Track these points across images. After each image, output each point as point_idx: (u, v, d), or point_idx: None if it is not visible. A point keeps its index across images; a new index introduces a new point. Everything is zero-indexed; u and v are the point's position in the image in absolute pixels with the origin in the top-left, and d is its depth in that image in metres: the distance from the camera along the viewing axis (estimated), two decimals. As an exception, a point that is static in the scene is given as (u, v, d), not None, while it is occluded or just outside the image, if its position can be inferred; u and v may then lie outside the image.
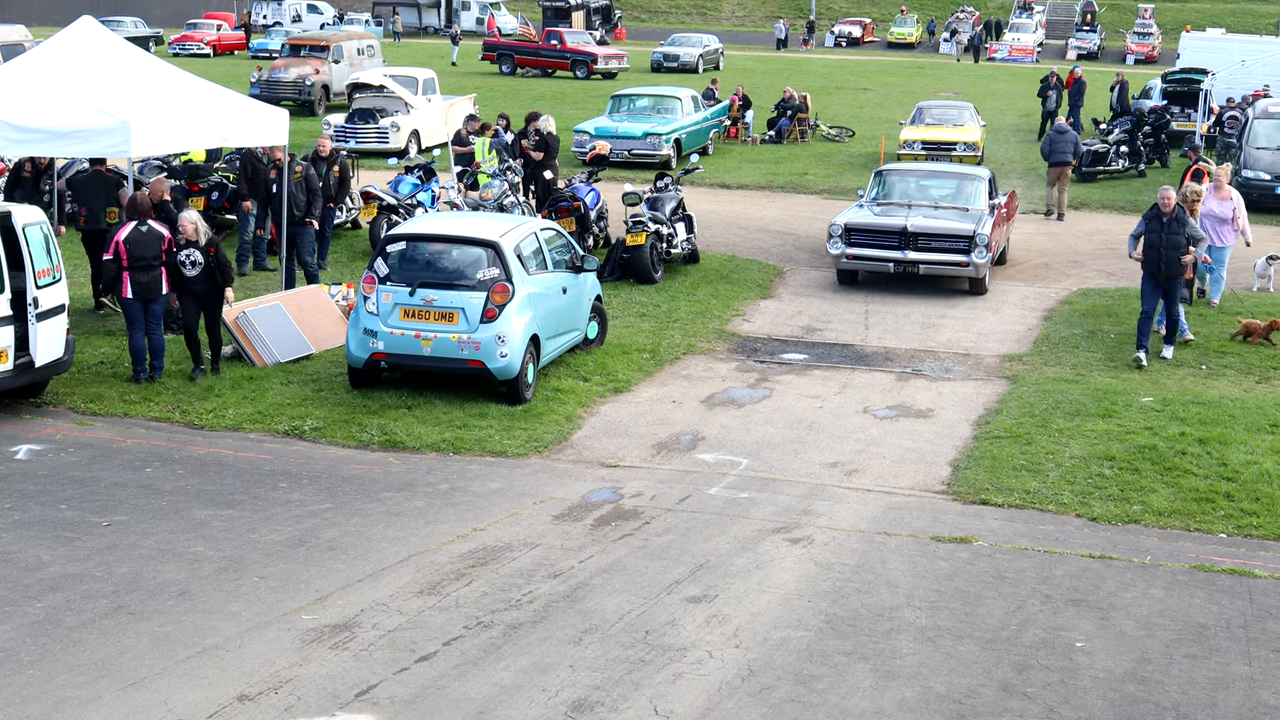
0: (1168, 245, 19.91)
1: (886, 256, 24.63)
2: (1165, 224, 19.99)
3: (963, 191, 26.07)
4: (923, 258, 24.49)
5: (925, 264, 24.52)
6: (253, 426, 16.87)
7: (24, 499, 14.17)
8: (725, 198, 35.21)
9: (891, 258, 24.60)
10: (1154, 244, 20.05)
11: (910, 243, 24.59)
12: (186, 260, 18.18)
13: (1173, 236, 19.92)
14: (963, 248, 24.34)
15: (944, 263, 24.46)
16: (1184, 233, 20.01)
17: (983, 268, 24.39)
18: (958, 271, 24.56)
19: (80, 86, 18.89)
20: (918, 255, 24.50)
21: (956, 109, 41.77)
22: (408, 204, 26.00)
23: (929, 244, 24.54)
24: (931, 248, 24.53)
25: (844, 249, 24.82)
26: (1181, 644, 11.50)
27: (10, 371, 16.61)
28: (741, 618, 11.71)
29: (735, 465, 15.93)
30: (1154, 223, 20.14)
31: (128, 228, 18.07)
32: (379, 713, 9.91)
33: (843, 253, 24.84)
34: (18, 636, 11.00)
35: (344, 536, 13.37)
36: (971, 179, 26.50)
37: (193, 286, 18.33)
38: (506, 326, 17.43)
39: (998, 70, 78.12)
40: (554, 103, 50.58)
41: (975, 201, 25.72)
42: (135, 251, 17.93)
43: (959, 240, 24.39)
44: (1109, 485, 15.32)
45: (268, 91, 46.67)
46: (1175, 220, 19.99)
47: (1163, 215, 20.04)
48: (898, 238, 24.65)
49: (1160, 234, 19.98)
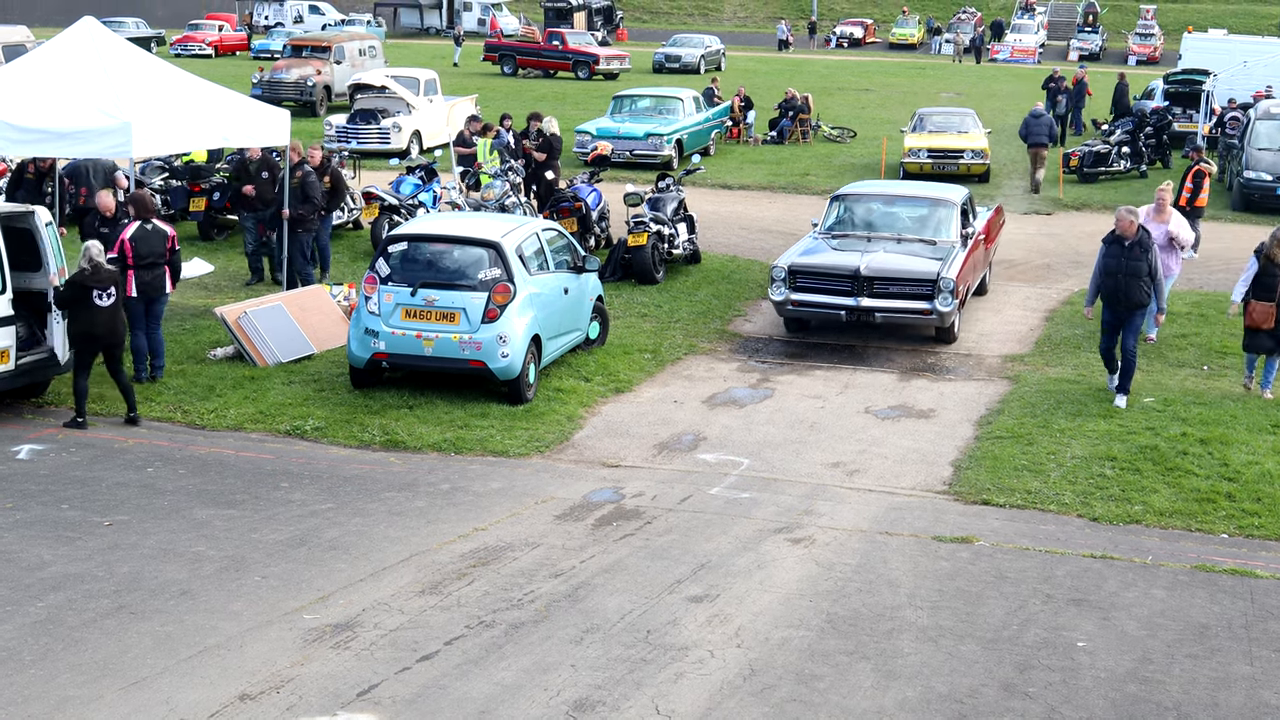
0: (1128, 273, 17.97)
1: (837, 304, 20.99)
2: (1126, 249, 18.05)
3: (931, 220, 22.69)
4: (879, 305, 20.88)
5: (882, 312, 20.89)
6: (254, 426, 16.88)
7: (26, 499, 14.18)
8: (727, 198, 35.21)
9: (843, 305, 20.95)
10: (1113, 270, 18.11)
11: (865, 288, 20.97)
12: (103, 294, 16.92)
13: (1134, 263, 17.97)
14: (925, 292, 20.80)
15: (904, 311, 20.90)
16: (1147, 259, 18.02)
17: (949, 315, 20.84)
18: (920, 321, 21.05)
19: (82, 87, 18.89)
20: (873, 302, 20.88)
21: (958, 115, 40.80)
22: (409, 204, 26.01)
23: (886, 289, 20.98)
24: (889, 293, 20.97)
25: (788, 294, 21.25)
26: (1183, 644, 11.50)
27: (11, 371, 16.63)
28: (743, 617, 11.71)
29: (737, 465, 15.93)
30: (1113, 248, 18.19)
31: (133, 226, 18.10)
32: (380, 712, 9.91)
33: (787, 299, 21.26)
34: (19, 636, 11.00)
35: (345, 536, 13.37)
36: (941, 205, 22.97)
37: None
38: (508, 327, 17.44)
39: (999, 71, 78.10)
40: (556, 103, 50.59)
41: (945, 231, 22.39)
42: (140, 249, 17.97)
43: (921, 284, 20.87)
44: (1110, 485, 15.32)
45: (269, 92, 46.68)
46: (1137, 245, 18.04)
47: (1123, 240, 18.08)
48: (850, 281, 21.06)
49: (1120, 259, 18.06)
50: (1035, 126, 37.40)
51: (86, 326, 16.58)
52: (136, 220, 18.20)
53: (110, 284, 16.62)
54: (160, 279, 18.28)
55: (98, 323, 16.55)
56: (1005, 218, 27.09)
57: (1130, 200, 34.49)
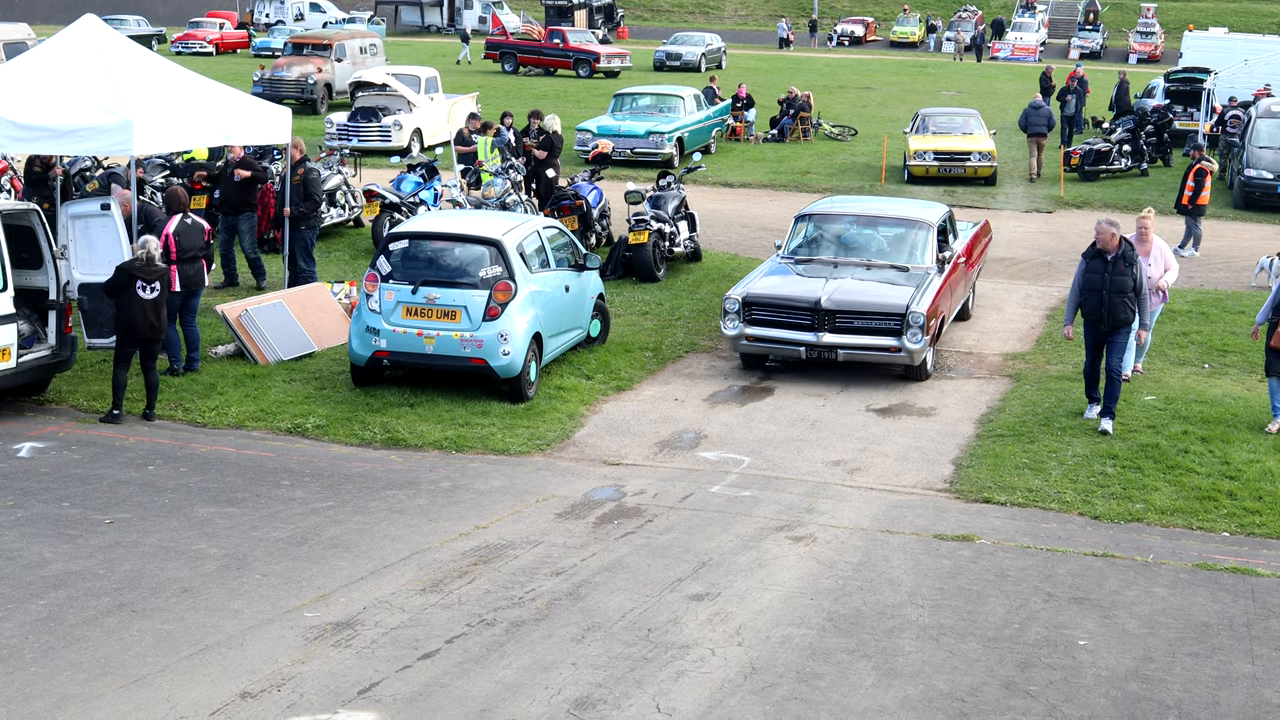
0: (1112, 289, 16.86)
1: (796, 339, 18.98)
2: (1109, 264, 16.90)
3: (905, 243, 20.64)
4: (841, 341, 18.84)
5: (845, 349, 18.86)
6: (255, 424, 16.88)
7: (26, 496, 14.18)
8: (728, 196, 35.22)
9: (802, 340, 18.94)
10: (1095, 287, 16.97)
11: (826, 321, 18.93)
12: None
13: (1118, 278, 16.85)
14: (893, 327, 18.78)
15: (868, 348, 18.86)
16: (1131, 274, 16.88)
17: (919, 353, 18.77)
18: (887, 359, 19.01)
19: (83, 85, 18.89)
20: (835, 338, 18.85)
21: (962, 116, 40.34)
22: (410, 202, 26.00)
23: (849, 323, 18.96)
24: (853, 327, 18.94)
25: (742, 328, 19.21)
26: (1184, 642, 11.50)
27: (12, 369, 16.64)
28: (744, 615, 11.71)
29: (738, 463, 15.93)
30: (1095, 263, 17.04)
31: (174, 221, 18.25)
32: (381, 710, 9.92)
33: (740, 333, 19.22)
34: (20, 634, 11.00)
35: (346, 534, 13.37)
36: (916, 226, 20.85)
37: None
38: (509, 325, 17.43)
39: (1000, 69, 78.08)
40: (556, 101, 50.59)
41: (919, 256, 20.36)
42: (183, 244, 18.20)
43: (887, 318, 18.84)
44: (1111, 484, 15.31)
45: (270, 90, 46.63)
46: (1121, 259, 16.89)
47: (1105, 254, 16.96)
48: (810, 314, 19.02)
49: (1103, 275, 16.92)
50: (1035, 117, 38.99)
51: (128, 318, 16.73)
52: (176, 215, 18.33)
53: (157, 279, 16.76)
54: (200, 272, 18.66)
55: (139, 315, 16.68)
56: (992, 234, 24.98)
57: (1131, 199, 34.55)
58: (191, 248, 18.42)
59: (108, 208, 19.13)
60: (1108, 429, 16.97)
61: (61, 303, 17.31)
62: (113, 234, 18.37)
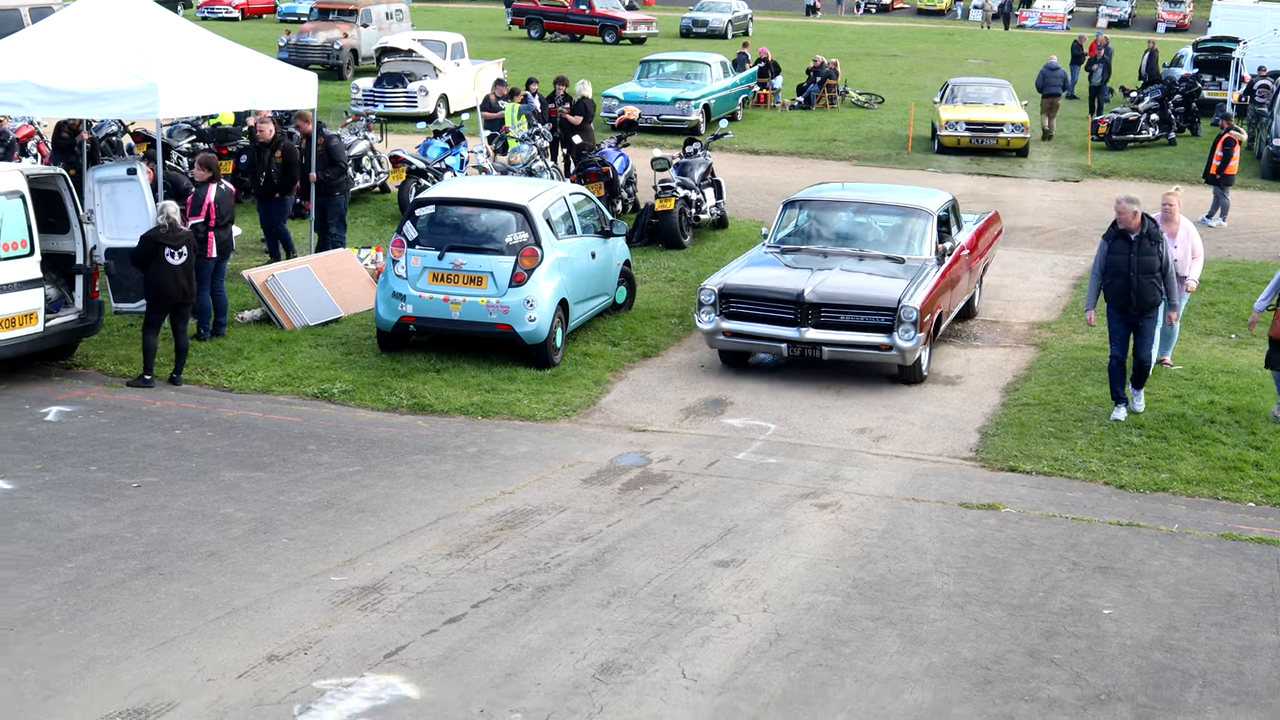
0: (1140, 270, 15.90)
1: (776, 335, 17.51)
2: (1134, 243, 15.96)
3: (902, 233, 19.04)
4: (826, 337, 17.33)
5: (830, 346, 17.34)
6: (281, 389, 16.93)
7: (54, 460, 14.25)
8: (754, 163, 35.15)
9: (784, 336, 17.45)
10: (1121, 269, 15.98)
11: (810, 315, 17.41)
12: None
13: (1145, 258, 15.90)
14: (883, 323, 17.22)
15: (856, 345, 17.34)
16: (1158, 251, 15.94)
17: (911, 352, 17.20)
18: (877, 357, 17.45)
19: (109, 48, 18.93)
20: (819, 334, 17.33)
21: (994, 86, 39.80)
22: (436, 168, 26.01)
23: (836, 317, 17.43)
24: (840, 323, 17.41)
25: (718, 322, 17.74)
26: (1209, 612, 11.48)
27: (40, 333, 16.70)
28: (769, 582, 11.73)
29: (763, 430, 15.92)
30: (1118, 243, 16.07)
31: (213, 188, 18.29)
32: (407, 673, 9.96)
33: (717, 327, 17.74)
34: (49, 596, 11.07)
35: (373, 499, 13.41)
36: (915, 214, 19.20)
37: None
38: (535, 290, 17.44)
39: (1028, 37, 77.68)
40: (583, 68, 50.46)
41: (917, 247, 18.74)
42: (221, 210, 18.39)
43: (877, 312, 17.31)
44: (1137, 453, 15.28)
45: (296, 55, 46.59)
46: (1146, 238, 15.94)
47: (1129, 233, 16.03)
48: (793, 308, 17.48)
49: (1129, 255, 15.96)
50: (1051, 78, 40.90)
51: (158, 284, 16.79)
52: (214, 182, 18.38)
53: (184, 243, 16.80)
54: (231, 237, 18.87)
55: (170, 280, 16.73)
56: (1002, 225, 23.20)
57: (1159, 168, 34.43)
58: (226, 213, 18.54)
59: (134, 172, 19.19)
60: (1139, 407, 16.53)
61: (88, 267, 17.36)
62: (139, 199, 18.43)
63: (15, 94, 18.66)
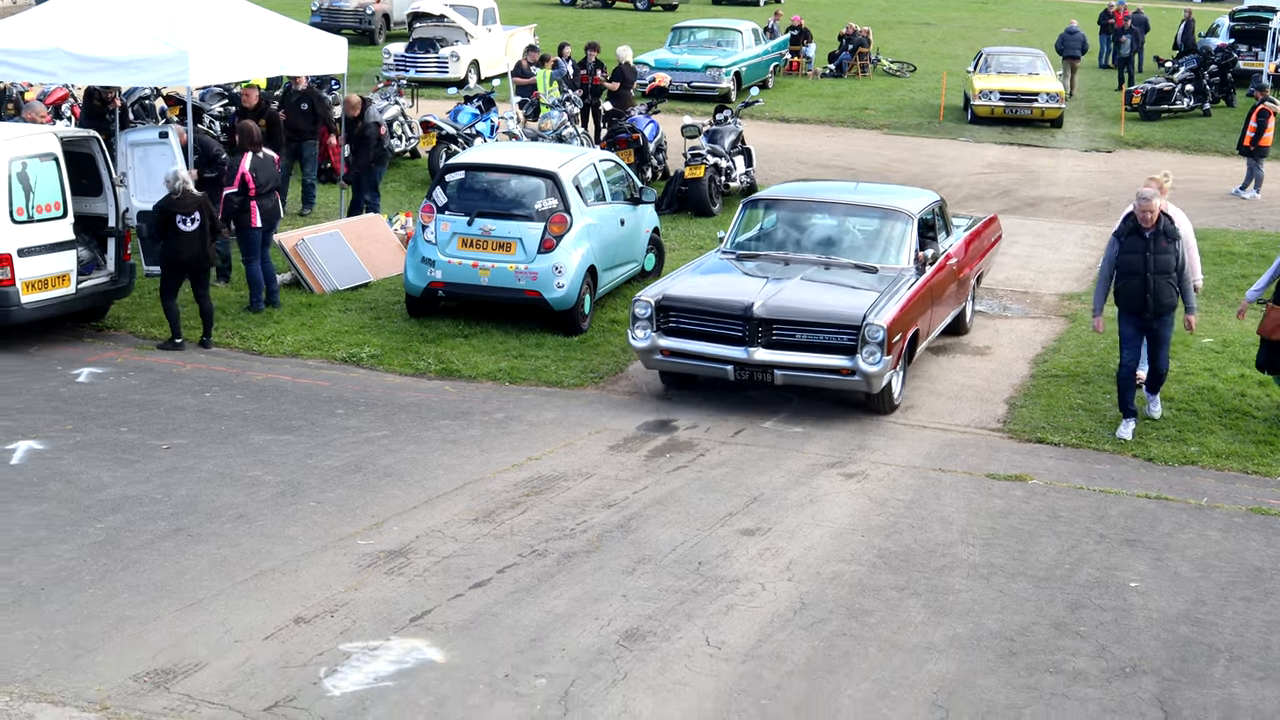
0: (1156, 269, 14.51)
1: (721, 355, 15.11)
2: (1150, 240, 14.56)
3: (877, 238, 16.65)
4: (778, 359, 14.95)
5: (782, 369, 14.99)
6: (310, 353, 16.98)
7: (85, 421, 14.33)
8: (785, 131, 35.04)
9: (729, 357, 15.07)
10: (1137, 269, 14.56)
11: (760, 333, 15.05)
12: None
13: (1161, 257, 14.51)
14: (845, 343, 14.85)
15: (812, 369, 14.95)
16: (1174, 249, 14.53)
17: (878, 378, 14.77)
18: (838, 383, 15.01)
19: (140, 16, 18.99)
20: (770, 355, 14.96)
21: (1028, 56, 39.40)
22: (467, 134, 26.04)
23: (790, 336, 15.05)
24: (795, 342, 15.03)
25: (655, 339, 15.38)
26: (1236, 586, 11.45)
27: (72, 295, 16.78)
28: (794, 551, 11.74)
29: (789, 400, 15.90)
30: (1132, 240, 14.69)
31: (248, 157, 18.27)
32: (433, 637, 10.00)
33: (654, 345, 15.37)
34: (79, 556, 11.14)
35: (400, 463, 13.45)
36: (892, 216, 16.77)
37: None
38: (564, 257, 17.44)
39: (1062, 6, 77.09)
40: (614, 34, 50.32)
41: (892, 255, 16.36)
42: (260, 179, 18.24)
43: (838, 331, 14.92)
44: (1166, 426, 15.23)
45: (328, 20, 46.54)
46: (1163, 235, 14.55)
47: (1144, 230, 14.64)
48: (741, 324, 15.11)
49: (1144, 254, 14.57)
50: (1070, 41, 42.50)
51: (172, 251, 16.84)
52: (249, 151, 18.35)
53: (195, 209, 16.77)
54: (277, 205, 18.85)
55: (182, 248, 16.76)
56: (1001, 230, 20.80)
57: (1193, 139, 34.22)
58: (267, 181, 18.49)
59: (165, 135, 19.22)
60: (1155, 413, 15.45)
61: (120, 230, 17.43)
62: (170, 162, 18.46)
63: (48, 61, 18.74)
